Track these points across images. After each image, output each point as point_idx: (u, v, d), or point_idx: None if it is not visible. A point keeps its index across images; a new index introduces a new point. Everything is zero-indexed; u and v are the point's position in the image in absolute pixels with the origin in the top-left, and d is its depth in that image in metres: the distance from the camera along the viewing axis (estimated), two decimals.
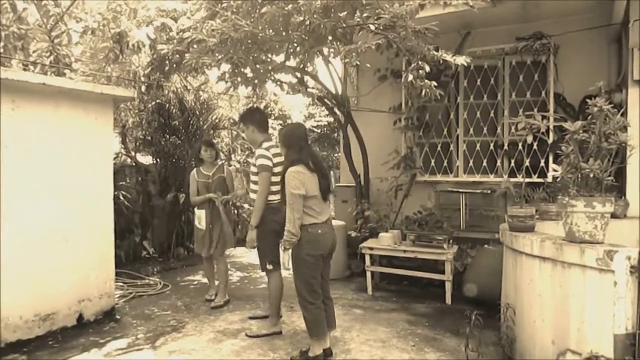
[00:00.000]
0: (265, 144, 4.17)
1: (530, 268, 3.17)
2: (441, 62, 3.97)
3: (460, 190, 5.97)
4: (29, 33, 5.77)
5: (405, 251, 5.25)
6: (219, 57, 4.09)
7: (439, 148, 6.33)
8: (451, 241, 5.31)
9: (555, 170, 3.35)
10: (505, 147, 6.00)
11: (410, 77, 3.79)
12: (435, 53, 3.87)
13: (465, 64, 4.15)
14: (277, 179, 3.99)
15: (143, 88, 6.68)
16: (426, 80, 3.81)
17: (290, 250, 3.49)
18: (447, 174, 6.35)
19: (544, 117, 3.18)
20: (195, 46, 4.58)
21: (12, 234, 3.91)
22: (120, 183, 6.84)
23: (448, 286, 5.08)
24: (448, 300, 5.08)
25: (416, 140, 6.42)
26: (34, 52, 6.16)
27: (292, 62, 5.53)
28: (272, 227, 4.10)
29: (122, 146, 7.55)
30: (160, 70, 6.02)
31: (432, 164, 6.40)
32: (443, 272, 5.10)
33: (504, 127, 6.10)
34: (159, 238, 7.54)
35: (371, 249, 5.44)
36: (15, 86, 3.86)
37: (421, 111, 6.25)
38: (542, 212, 3.96)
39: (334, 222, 6.60)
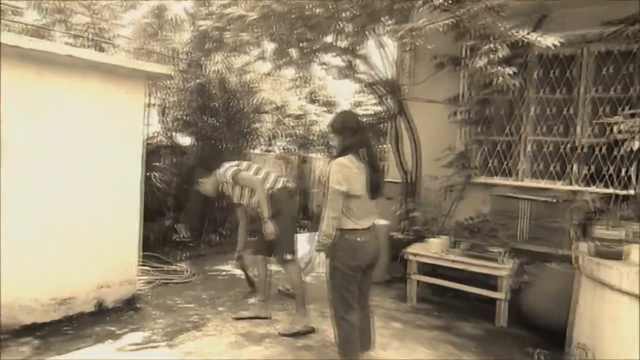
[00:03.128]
0: None
1: (615, 304, 2.57)
2: (520, 44, 3.33)
3: (521, 196, 5.30)
4: (66, 6, 5.55)
5: (454, 261, 4.68)
6: (258, 33, 3.63)
7: (499, 147, 5.67)
8: (508, 254, 4.70)
9: None
10: (580, 150, 5.24)
11: (481, 63, 3.19)
12: (515, 33, 3.24)
13: (553, 47, 3.45)
14: None
15: (182, 66, 6.35)
16: (499, 67, 3.20)
17: (323, 255, 3.03)
18: (507, 176, 5.69)
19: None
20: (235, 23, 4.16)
21: (30, 214, 3.68)
22: (155, 164, 6.59)
23: (501, 306, 4.48)
24: (500, 321, 4.48)
25: (474, 136, 5.78)
26: (75, 26, 5.98)
27: (341, 43, 5.02)
28: (290, 216, 4.06)
29: (161, 125, 7.30)
30: (200, 48, 5.68)
31: (491, 164, 5.75)
32: (495, 288, 4.51)
33: (583, 126, 5.30)
34: (191, 222, 7.29)
35: (416, 255, 4.90)
36: (41, 57, 3.59)
37: (482, 104, 5.60)
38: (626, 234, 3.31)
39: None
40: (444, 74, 5.97)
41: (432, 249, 4.87)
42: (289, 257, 4.04)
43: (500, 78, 3.22)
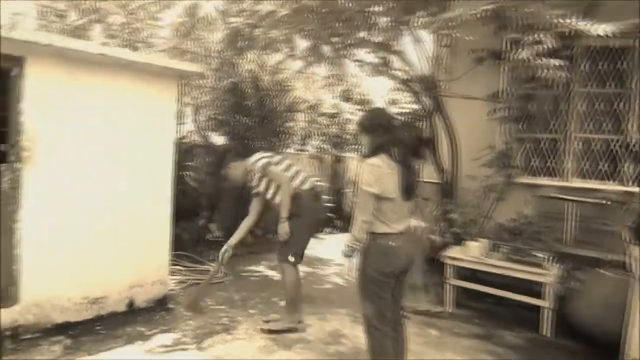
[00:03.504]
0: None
1: None
2: (567, 34, 3.08)
3: (568, 197, 4.99)
4: (102, 6, 5.60)
5: (495, 266, 4.43)
6: (289, 29, 3.50)
7: (543, 145, 5.36)
8: (553, 259, 4.42)
9: None
10: (633, 147, 4.87)
11: (525, 54, 2.95)
12: (562, 21, 2.98)
13: (605, 36, 3.18)
14: None
15: (215, 65, 6.32)
16: (545, 59, 2.95)
17: (354, 260, 2.86)
18: (551, 176, 5.38)
19: None
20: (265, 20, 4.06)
21: (62, 212, 3.68)
22: (188, 163, 6.60)
23: (546, 314, 4.21)
24: (546, 331, 4.21)
25: (515, 134, 5.49)
26: (111, 27, 6.03)
27: (374, 39, 4.85)
28: (311, 219, 3.98)
29: (194, 125, 7.31)
30: (233, 46, 5.62)
31: (534, 163, 5.45)
32: (539, 295, 4.24)
33: (635, 122, 4.93)
34: (224, 222, 7.26)
35: (454, 258, 4.68)
36: (73, 56, 3.58)
37: (524, 100, 5.30)
38: None
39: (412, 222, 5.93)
40: (483, 68, 5.70)
41: (471, 252, 4.63)
42: (292, 259, 3.92)
43: (546, 71, 2.97)
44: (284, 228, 3.88)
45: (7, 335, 3.42)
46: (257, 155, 4.10)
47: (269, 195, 4.07)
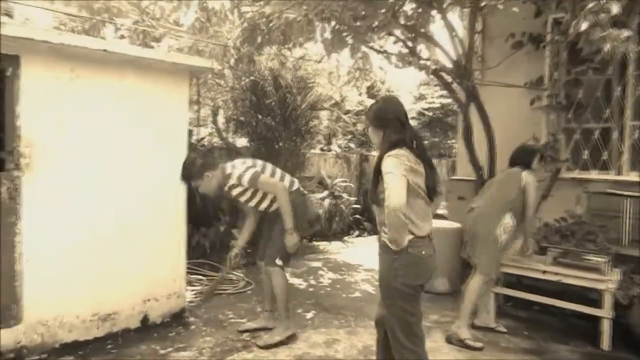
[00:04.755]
0: None
1: None
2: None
3: (624, 192, 4.44)
4: (113, 4, 5.35)
5: (545, 272, 3.95)
6: (305, 9, 3.13)
7: (595, 135, 4.83)
8: (611, 262, 3.91)
9: None
10: None
11: (585, 26, 2.49)
12: None
13: None
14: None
15: (234, 62, 6.01)
16: (611, 30, 2.46)
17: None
18: (605, 170, 4.87)
19: None
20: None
21: (68, 224, 3.41)
22: None
23: (606, 325, 3.71)
24: (605, 344, 3.72)
25: (563, 124, 4.97)
26: (122, 26, 5.80)
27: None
28: (300, 220, 3.68)
29: (213, 126, 7.03)
30: (251, 41, 5.28)
31: (585, 156, 4.92)
32: (597, 304, 3.76)
33: None
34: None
35: None
36: (74, 53, 3.31)
37: (572, 86, 4.78)
38: None
39: (447, 224, 5.47)
40: (521, 55, 5.25)
41: (516, 256, 4.17)
42: (279, 262, 3.70)
43: (612, 44, 2.48)
44: (292, 239, 3.61)
45: (10, 358, 3.17)
46: (237, 166, 3.62)
47: (262, 206, 3.75)
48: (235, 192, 3.67)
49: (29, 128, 3.16)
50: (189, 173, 3.54)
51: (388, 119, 2.49)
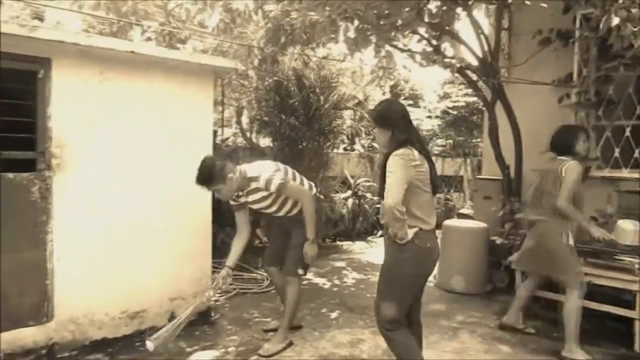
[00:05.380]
0: None
1: None
2: None
3: None
4: (140, 7, 5.44)
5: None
6: (328, 10, 3.12)
7: (627, 132, 4.69)
8: None
9: None
10: None
11: (616, 21, 2.43)
12: None
13: None
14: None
15: (258, 63, 6.05)
16: None
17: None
18: (637, 168, 4.77)
19: None
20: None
21: (98, 223, 3.48)
22: None
23: (639, 327, 3.60)
24: (638, 346, 3.62)
25: (593, 122, 4.84)
26: (148, 28, 5.88)
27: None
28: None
29: (237, 126, 7.09)
30: (275, 42, 5.30)
31: (616, 154, 4.79)
32: (629, 305, 3.67)
33: None
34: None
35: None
36: (102, 55, 3.37)
37: (602, 82, 4.66)
38: None
39: (474, 224, 5.40)
40: (549, 51, 5.14)
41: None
42: (300, 271, 3.60)
43: None
44: (314, 249, 3.52)
45: (43, 354, 3.25)
46: (261, 172, 3.40)
47: (282, 212, 3.58)
48: (253, 197, 3.45)
49: (59, 129, 3.23)
50: (208, 176, 3.28)
51: (395, 119, 2.69)
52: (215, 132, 5.56)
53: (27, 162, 3.18)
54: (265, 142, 7.49)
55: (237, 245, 3.67)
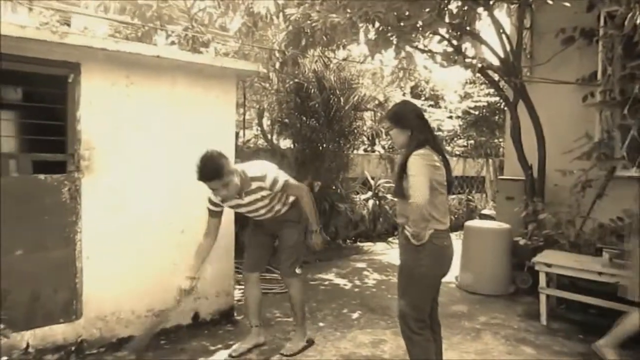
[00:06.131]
0: None
1: None
2: None
3: None
4: (165, 12, 5.55)
5: (601, 273, 3.80)
6: (349, 12, 3.15)
7: None
8: None
9: None
10: None
11: None
12: None
13: None
14: None
15: (279, 66, 6.11)
16: None
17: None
18: None
19: None
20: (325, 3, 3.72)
21: (124, 223, 3.56)
22: None
23: None
24: None
25: (618, 120, 4.75)
26: (172, 33, 6.00)
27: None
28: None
29: (258, 128, 7.16)
30: (295, 44, 5.35)
31: None
32: None
33: None
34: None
35: (549, 265, 4.08)
36: (129, 59, 3.46)
37: (627, 81, 4.56)
38: None
39: (496, 224, 5.35)
40: (572, 50, 5.07)
41: (570, 257, 4.02)
42: (298, 271, 3.55)
43: None
44: (319, 238, 3.47)
45: (72, 350, 3.34)
46: (265, 172, 3.28)
47: (271, 214, 3.47)
48: (253, 197, 3.31)
49: (88, 132, 3.33)
50: (213, 170, 3.05)
51: (412, 119, 2.72)
52: (236, 134, 5.64)
53: (57, 164, 3.29)
54: (285, 143, 7.54)
55: (205, 253, 3.48)
